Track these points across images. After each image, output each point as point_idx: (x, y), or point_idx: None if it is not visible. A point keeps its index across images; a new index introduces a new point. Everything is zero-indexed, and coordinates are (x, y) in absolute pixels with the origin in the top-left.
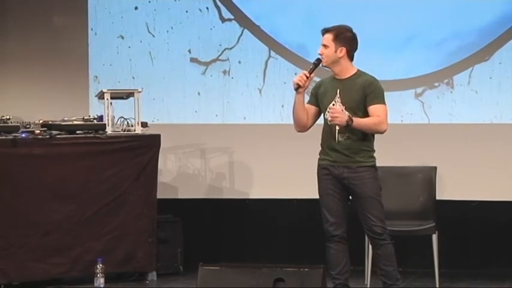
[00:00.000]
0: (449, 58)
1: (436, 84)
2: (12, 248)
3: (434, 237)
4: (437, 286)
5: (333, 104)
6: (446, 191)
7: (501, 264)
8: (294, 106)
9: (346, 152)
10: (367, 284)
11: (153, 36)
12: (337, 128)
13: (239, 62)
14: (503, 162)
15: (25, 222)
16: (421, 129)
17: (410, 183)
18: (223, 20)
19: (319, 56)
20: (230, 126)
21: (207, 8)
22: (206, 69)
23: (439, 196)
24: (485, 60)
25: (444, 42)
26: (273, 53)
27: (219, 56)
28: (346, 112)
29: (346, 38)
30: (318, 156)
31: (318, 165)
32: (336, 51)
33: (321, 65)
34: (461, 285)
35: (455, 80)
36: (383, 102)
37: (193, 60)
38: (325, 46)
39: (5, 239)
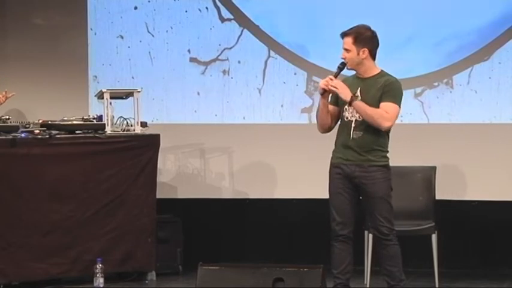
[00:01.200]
0: (449, 58)
1: (436, 84)
2: (11, 248)
3: (434, 237)
4: (436, 286)
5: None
6: (446, 190)
7: (501, 264)
8: (318, 109)
9: (359, 150)
10: (366, 284)
11: (153, 36)
12: (352, 125)
13: (239, 62)
14: (502, 162)
15: (24, 222)
16: (420, 129)
17: (410, 183)
18: (222, 20)
19: (343, 60)
20: (230, 126)
21: (207, 8)
22: (206, 69)
23: (438, 196)
24: (485, 60)
25: (444, 42)
26: (272, 53)
27: (219, 55)
28: (348, 89)
29: (366, 38)
30: (320, 157)
31: (331, 163)
32: (358, 54)
33: (346, 68)
34: (461, 285)
35: (455, 80)
36: (396, 103)
37: (192, 60)
38: (346, 50)
39: (5, 238)
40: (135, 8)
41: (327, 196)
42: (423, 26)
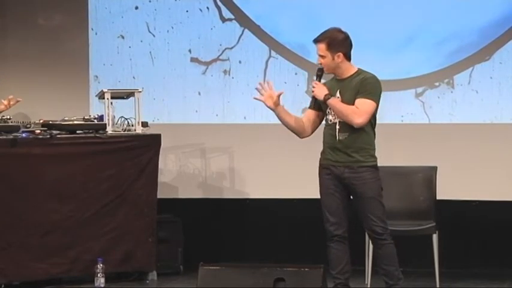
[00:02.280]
0: (450, 58)
1: (437, 84)
2: (11, 248)
3: (435, 237)
4: (437, 286)
5: None
6: (447, 190)
7: (501, 264)
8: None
9: (347, 151)
10: (367, 284)
11: (154, 36)
12: (337, 127)
13: (239, 62)
14: (503, 162)
15: (25, 222)
16: (421, 129)
17: (411, 183)
18: (223, 19)
19: (320, 66)
20: (230, 126)
21: (208, 7)
22: (206, 69)
23: (439, 196)
24: (486, 60)
25: (445, 42)
26: (273, 53)
27: (220, 55)
28: (325, 88)
29: (339, 43)
30: (319, 157)
31: (319, 165)
32: (333, 59)
33: (324, 73)
34: (461, 285)
35: (456, 80)
36: (371, 98)
37: (193, 60)
38: (321, 56)
39: (5, 238)
40: (136, 7)
41: None
42: (424, 26)
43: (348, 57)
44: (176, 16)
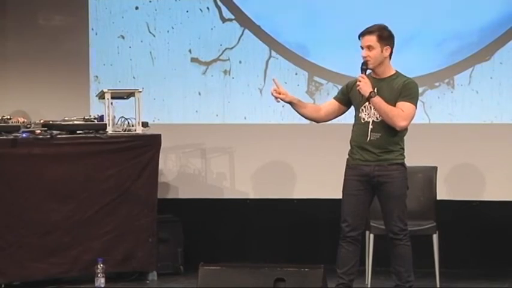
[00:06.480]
0: (450, 58)
1: (437, 84)
2: (11, 248)
3: (435, 237)
4: (437, 286)
5: (369, 103)
6: (447, 191)
7: (501, 265)
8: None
9: (376, 151)
10: (367, 284)
11: (154, 36)
12: (370, 126)
13: (240, 62)
14: (503, 162)
15: (25, 222)
16: (421, 129)
17: (411, 183)
18: (223, 19)
19: (364, 59)
20: (231, 126)
21: (208, 8)
22: (207, 69)
23: (439, 196)
24: (486, 60)
25: (445, 42)
26: (273, 53)
27: (220, 55)
28: (370, 85)
29: (389, 37)
30: (320, 157)
31: (347, 165)
32: (382, 52)
33: (367, 67)
34: (462, 285)
35: (456, 80)
36: (413, 103)
37: (193, 60)
38: (369, 48)
39: (5, 238)
40: (136, 8)
41: (327, 196)
42: (424, 26)
43: (391, 55)
44: (176, 16)
